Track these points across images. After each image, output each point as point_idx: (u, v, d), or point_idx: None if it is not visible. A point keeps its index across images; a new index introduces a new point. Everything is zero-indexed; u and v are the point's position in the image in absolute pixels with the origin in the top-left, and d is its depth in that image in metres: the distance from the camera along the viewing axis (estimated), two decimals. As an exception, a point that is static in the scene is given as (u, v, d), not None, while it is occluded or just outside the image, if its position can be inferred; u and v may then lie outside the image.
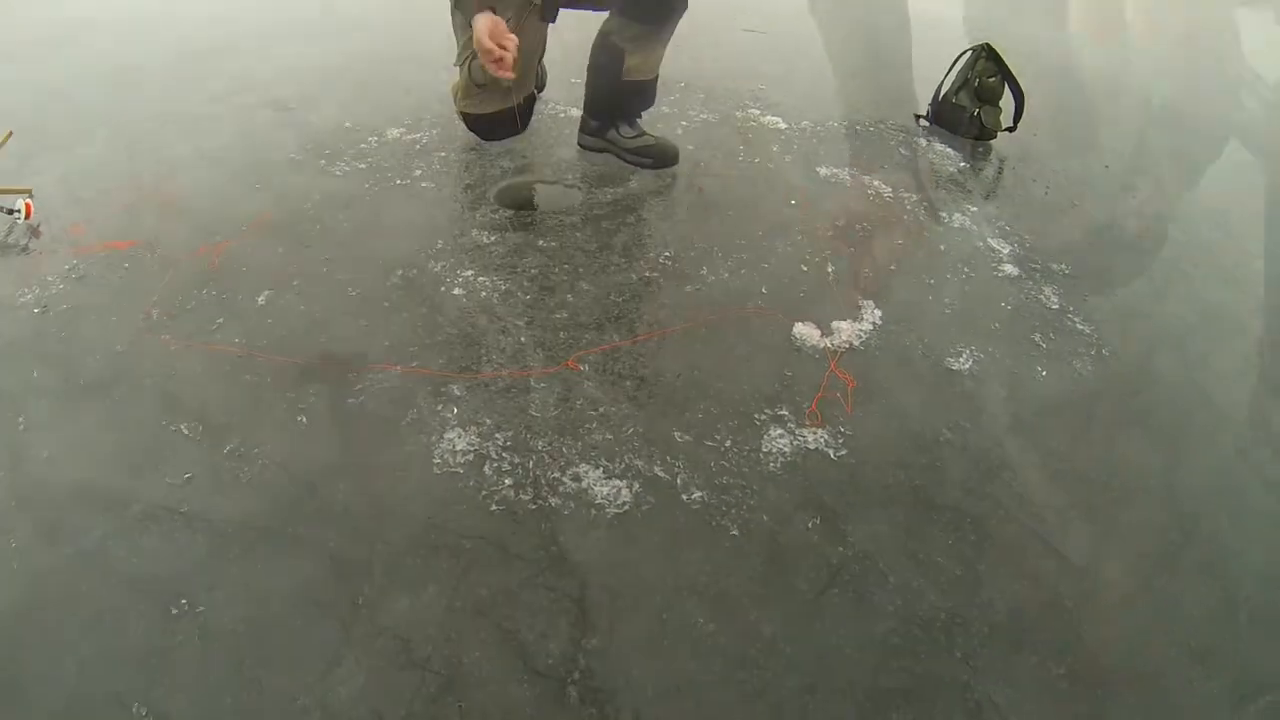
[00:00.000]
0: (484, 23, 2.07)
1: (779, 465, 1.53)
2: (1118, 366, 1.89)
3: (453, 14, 2.40)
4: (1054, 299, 2.07)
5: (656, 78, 2.45)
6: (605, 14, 2.39)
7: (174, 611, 1.28)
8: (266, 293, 1.91)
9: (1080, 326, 1.99)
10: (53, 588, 1.31)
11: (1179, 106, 3.45)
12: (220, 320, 1.83)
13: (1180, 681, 1.32)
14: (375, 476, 1.50)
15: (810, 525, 1.44)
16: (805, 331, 1.83)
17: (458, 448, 1.54)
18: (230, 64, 3.08)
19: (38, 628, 1.26)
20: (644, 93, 2.45)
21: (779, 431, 1.59)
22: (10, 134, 2.37)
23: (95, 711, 1.16)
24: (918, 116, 2.97)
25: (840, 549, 1.41)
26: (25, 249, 2.15)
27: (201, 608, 1.28)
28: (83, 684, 1.19)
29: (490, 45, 2.04)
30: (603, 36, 2.39)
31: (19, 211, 2.18)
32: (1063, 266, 2.20)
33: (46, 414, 1.63)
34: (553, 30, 2.43)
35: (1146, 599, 1.45)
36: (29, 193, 2.22)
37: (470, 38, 2.35)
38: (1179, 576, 1.50)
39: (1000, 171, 2.73)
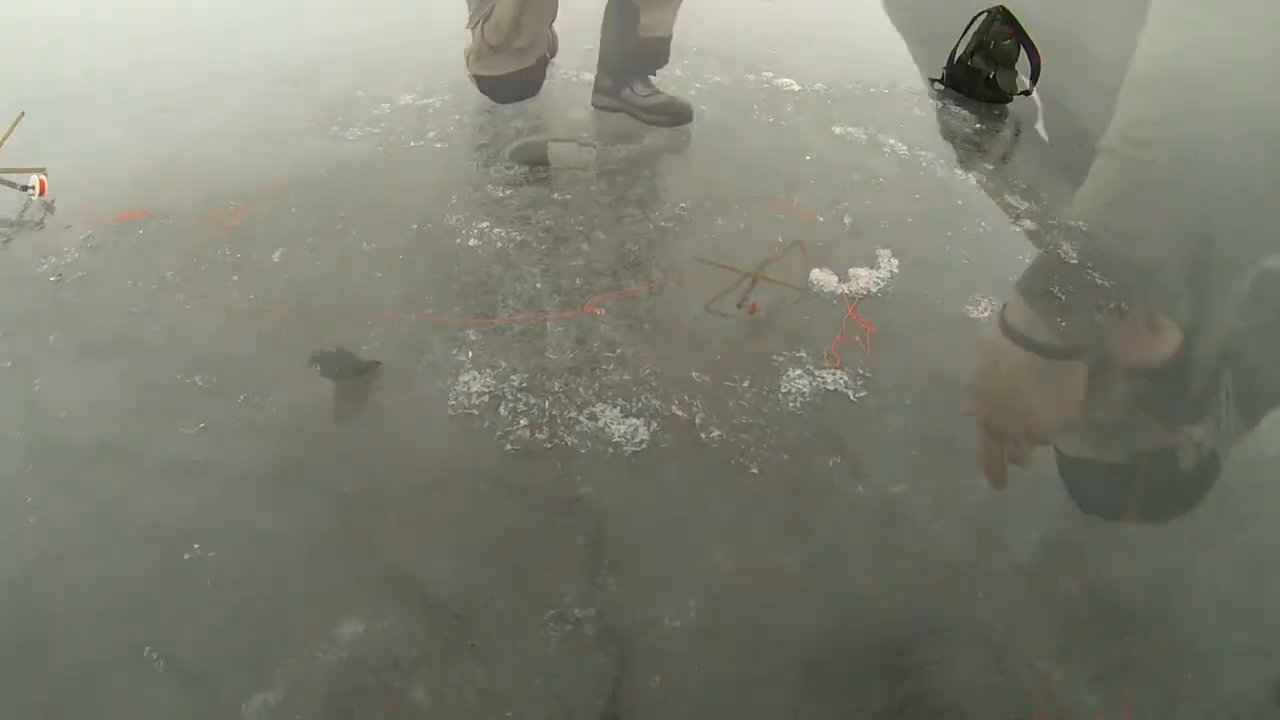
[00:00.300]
0: None
1: (798, 405, 1.52)
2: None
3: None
4: (1073, 254, 2.04)
5: (670, 36, 2.44)
6: None
7: (187, 557, 1.27)
8: (280, 250, 1.90)
9: (1100, 281, 1.96)
10: (68, 538, 1.31)
11: (1200, 72, 3.41)
12: (235, 278, 1.83)
13: (1203, 628, 1.31)
14: (389, 420, 1.50)
15: (831, 464, 1.43)
16: (823, 278, 1.82)
17: (473, 389, 1.53)
18: (238, 43, 3.08)
19: (54, 577, 1.26)
20: (658, 50, 2.44)
21: (798, 372, 1.57)
22: (22, 115, 2.37)
23: (108, 657, 1.16)
24: (933, 80, 2.94)
25: (860, 489, 1.40)
26: (40, 223, 2.16)
27: (214, 553, 1.28)
28: (97, 631, 1.19)
29: None
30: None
31: (33, 188, 2.19)
32: (1080, 224, 2.17)
33: (63, 375, 1.63)
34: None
35: (1170, 544, 1.44)
36: (43, 170, 2.23)
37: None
38: (1202, 523, 1.48)
39: (1017, 133, 2.70)
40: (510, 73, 2.41)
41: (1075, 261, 2.01)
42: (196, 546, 1.29)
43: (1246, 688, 1.29)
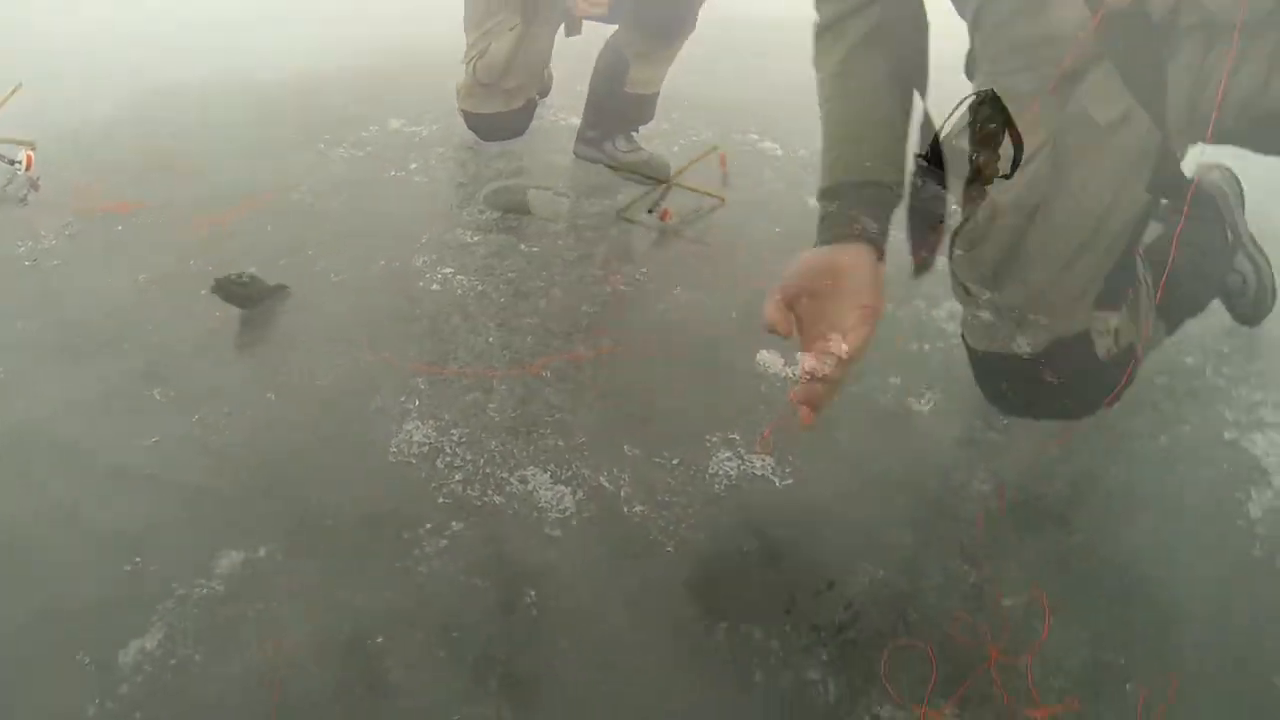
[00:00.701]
0: None
1: (723, 488, 1.57)
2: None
3: (465, 12, 2.46)
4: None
5: (657, 94, 2.50)
6: (616, 26, 2.45)
7: (127, 569, 1.33)
8: (251, 270, 1.95)
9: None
10: (8, 537, 1.37)
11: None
12: (203, 292, 1.88)
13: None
14: (333, 458, 1.56)
15: (745, 549, 1.47)
16: (769, 359, 1.85)
17: (415, 439, 1.58)
18: (247, 38, 3.13)
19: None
20: (643, 107, 2.50)
21: (727, 455, 1.63)
22: (19, 86, 2.42)
23: (42, 656, 1.21)
24: (917, 155, 2.99)
25: (773, 575, 1.44)
26: (24, 200, 2.21)
27: (155, 567, 1.34)
28: (31, 630, 1.25)
29: None
30: (610, 47, 2.45)
31: (20, 163, 2.24)
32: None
33: (25, 366, 1.69)
34: (561, 38, 2.49)
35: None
36: (32, 145, 2.27)
37: (479, 36, 2.41)
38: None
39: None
40: (497, 112, 2.48)
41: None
42: (138, 559, 1.35)
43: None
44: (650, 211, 1.77)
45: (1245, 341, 1.97)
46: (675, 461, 1.60)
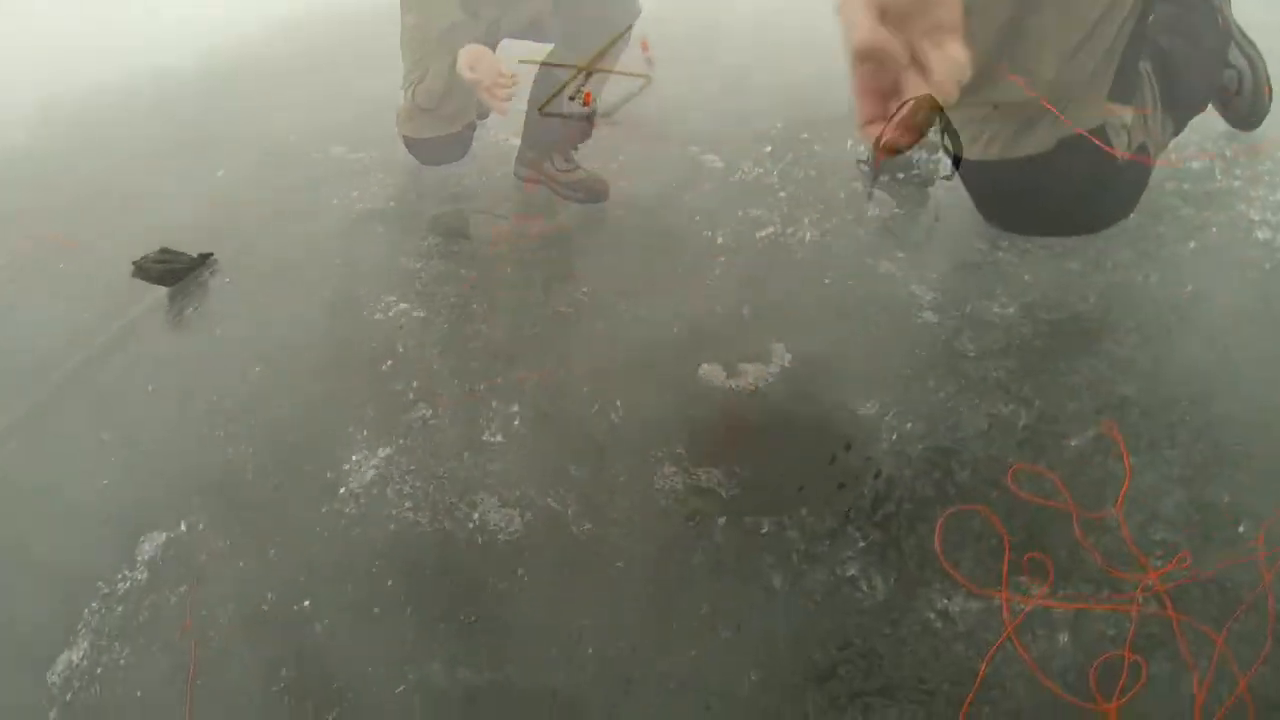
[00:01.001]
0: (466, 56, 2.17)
1: (670, 501, 1.58)
2: (1028, 419, 1.88)
3: (401, 38, 2.47)
4: (971, 348, 2.09)
5: (595, 112, 2.52)
6: (550, 45, 2.47)
7: (85, 613, 1.35)
8: (194, 308, 1.95)
9: (995, 374, 1.98)
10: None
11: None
12: (150, 330, 1.88)
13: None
14: (281, 491, 1.57)
15: (696, 562, 1.49)
16: (711, 372, 1.89)
17: (364, 468, 1.60)
18: (191, 61, 3.12)
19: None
20: (580, 127, 2.51)
21: (673, 469, 1.64)
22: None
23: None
24: (859, 162, 3.03)
25: (724, 586, 1.46)
26: (-40, 236, 2.19)
27: (111, 610, 1.36)
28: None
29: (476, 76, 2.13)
30: (545, 68, 2.47)
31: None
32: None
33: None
34: (500, 54, 2.50)
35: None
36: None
37: (417, 61, 2.43)
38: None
39: (936, 219, 2.77)
40: (437, 136, 2.49)
41: (973, 355, 2.06)
42: (94, 605, 1.37)
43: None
44: (572, 99, 1.77)
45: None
46: (622, 479, 1.62)
